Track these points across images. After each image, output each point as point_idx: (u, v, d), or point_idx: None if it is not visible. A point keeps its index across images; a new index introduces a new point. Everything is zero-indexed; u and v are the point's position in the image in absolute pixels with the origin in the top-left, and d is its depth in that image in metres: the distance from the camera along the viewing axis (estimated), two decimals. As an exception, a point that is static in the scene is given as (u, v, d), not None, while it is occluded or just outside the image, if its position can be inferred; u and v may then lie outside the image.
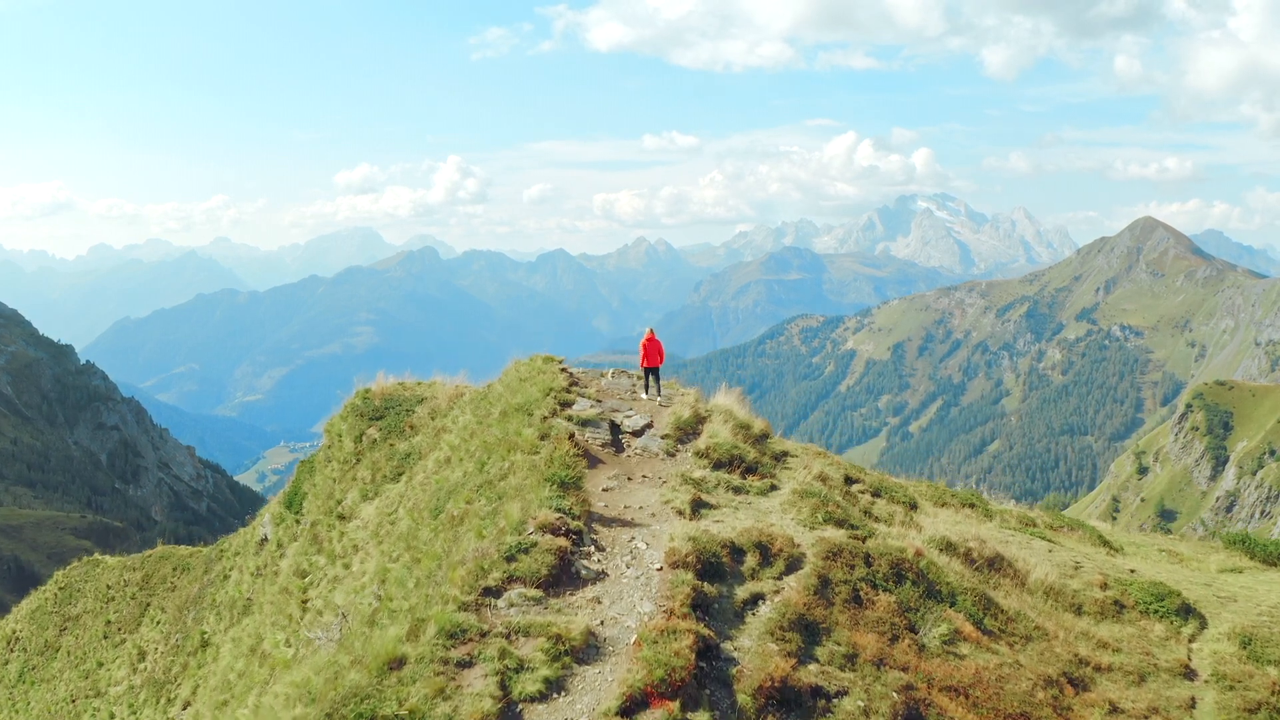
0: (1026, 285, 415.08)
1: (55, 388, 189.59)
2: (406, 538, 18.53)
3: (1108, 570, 19.98)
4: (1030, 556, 19.38)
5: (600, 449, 20.14)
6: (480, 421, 22.24)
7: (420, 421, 26.93)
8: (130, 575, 38.74)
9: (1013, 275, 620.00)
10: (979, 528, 21.43)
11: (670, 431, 21.23)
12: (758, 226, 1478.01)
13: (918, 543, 17.00)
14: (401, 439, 26.49)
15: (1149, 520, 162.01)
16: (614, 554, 14.96)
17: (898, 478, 27.11)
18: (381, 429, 27.88)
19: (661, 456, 20.17)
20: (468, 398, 25.96)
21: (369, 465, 26.08)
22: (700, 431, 21.60)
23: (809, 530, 16.58)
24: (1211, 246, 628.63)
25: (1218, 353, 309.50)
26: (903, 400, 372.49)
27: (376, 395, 30.19)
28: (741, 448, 20.54)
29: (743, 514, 17.18)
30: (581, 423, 20.69)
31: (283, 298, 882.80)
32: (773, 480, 19.60)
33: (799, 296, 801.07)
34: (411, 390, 30.19)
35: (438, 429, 24.93)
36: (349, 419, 29.56)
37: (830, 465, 21.91)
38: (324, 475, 28.56)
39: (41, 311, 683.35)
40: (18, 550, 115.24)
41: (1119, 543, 25.03)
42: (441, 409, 26.85)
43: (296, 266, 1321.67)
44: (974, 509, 24.57)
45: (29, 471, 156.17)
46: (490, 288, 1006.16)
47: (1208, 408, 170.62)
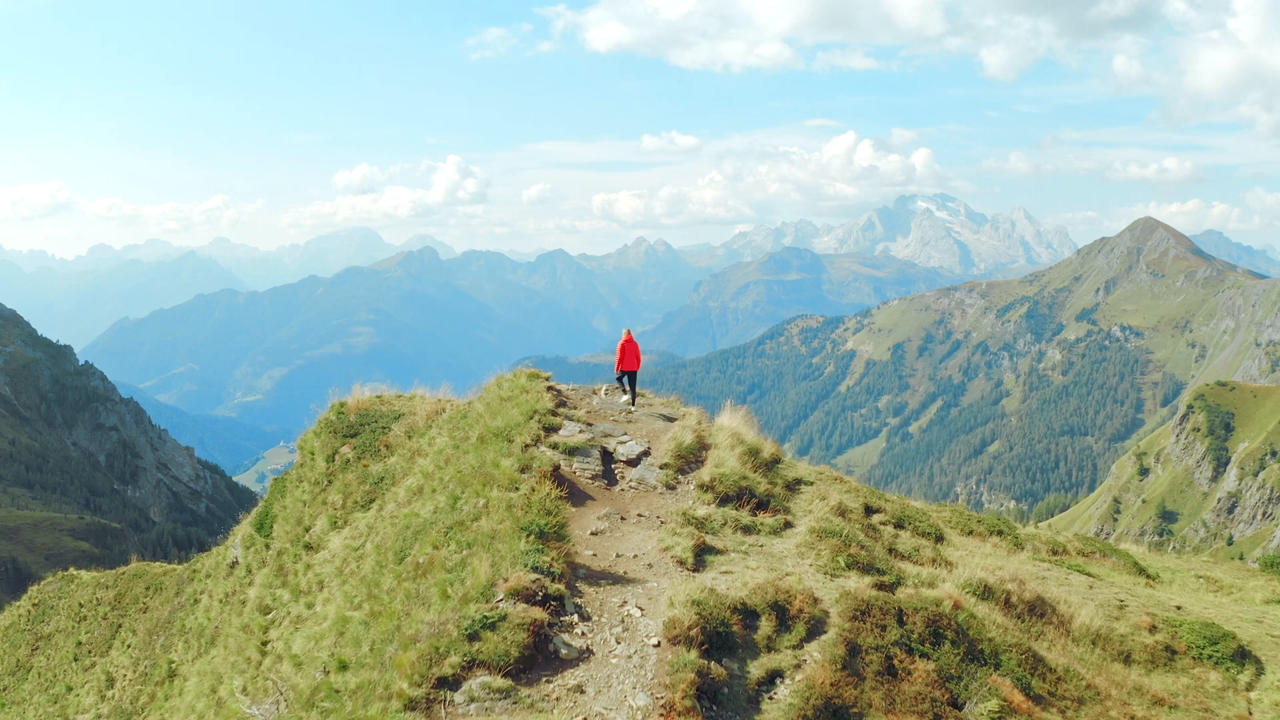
0: (1026, 286, 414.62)
1: (54, 388, 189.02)
2: (369, 582, 16.65)
3: (1154, 609, 18.70)
4: (1071, 596, 17.77)
5: (589, 482, 18.00)
6: (456, 446, 20.16)
7: (396, 441, 24.89)
8: (103, 594, 37.65)
9: (1012, 276, 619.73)
10: (1012, 560, 19.99)
11: (670, 460, 18.97)
12: (757, 227, 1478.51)
13: (953, 590, 15.16)
14: (376, 459, 24.55)
15: (1150, 522, 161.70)
16: (602, 624, 12.58)
17: (918, 500, 25.43)
18: (355, 447, 25.88)
19: (660, 490, 18.02)
20: (447, 415, 24.01)
21: (340, 488, 24.20)
22: (704, 459, 19.34)
23: (830, 579, 14.55)
24: (1211, 247, 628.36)
25: (1218, 353, 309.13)
26: (903, 401, 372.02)
27: (352, 410, 28.09)
28: (751, 478, 18.39)
29: (754, 561, 15.05)
30: (569, 451, 18.60)
31: (282, 298, 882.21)
32: (786, 516, 17.45)
33: (798, 297, 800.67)
34: (389, 405, 28.10)
35: (413, 450, 23.03)
36: (322, 435, 27.48)
37: (848, 493, 20.22)
38: (294, 497, 26.69)
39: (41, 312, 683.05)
40: (15, 552, 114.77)
41: (1154, 569, 24.07)
42: (419, 427, 24.74)
43: (296, 267, 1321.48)
44: (1002, 537, 23.06)
45: (27, 472, 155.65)
46: (489, 288, 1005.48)
47: (1209, 409, 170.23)
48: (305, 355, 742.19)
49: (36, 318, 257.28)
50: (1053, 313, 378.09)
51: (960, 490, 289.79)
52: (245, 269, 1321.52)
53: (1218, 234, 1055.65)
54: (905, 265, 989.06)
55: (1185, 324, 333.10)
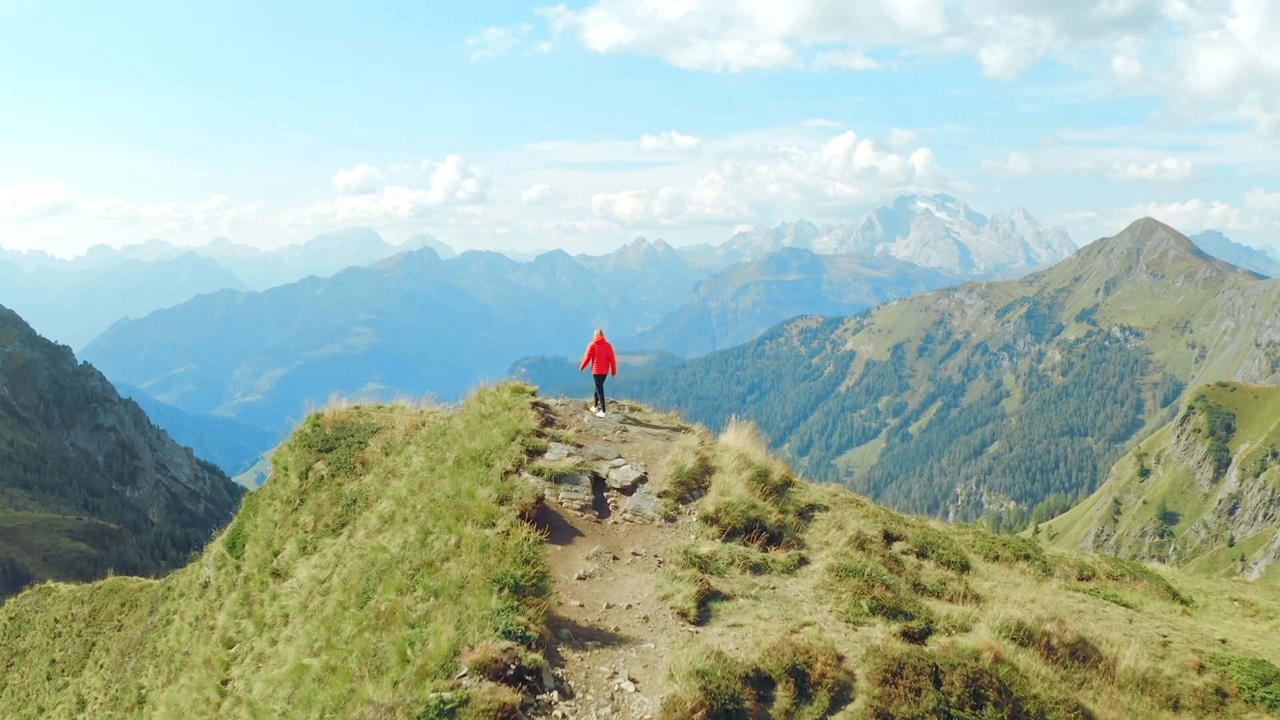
0: (1026, 286, 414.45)
1: (52, 389, 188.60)
2: (330, 626, 15.31)
3: (1198, 644, 17.55)
4: (1112, 633, 16.63)
5: (578, 514, 16.07)
6: (432, 469, 18.48)
7: (372, 457, 23.30)
8: (78, 609, 36.75)
9: (1012, 276, 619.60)
10: (1043, 591, 18.75)
11: (670, 487, 17.06)
12: (757, 227, 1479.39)
13: (990, 637, 13.80)
14: (350, 477, 23.00)
15: (1151, 523, 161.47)
16: (588, 703, 10.56)
17: (937, 521, 23.99)
18: (330, 464, 24.22)
19: (658, 522, 16.11)
20: (425, 432, 22.38)
21: (312, 509, 22.64)
22: (708, 484, 17.45)
23: (853, 628, 13.01)
24: (1211, 247, 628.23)
25: (1218, 354, 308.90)
26: (902, 401, 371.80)
27: (328, 422, 26.40)
28: (760, 506, 16.65)
29: (767, 608, 13.35)
30: (555, 478, 16.71)
31: (282, 298, 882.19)
32: (801, 551, 15.82)
33: (798, 297, 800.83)
34: (367, 417, 26.42)
35: (388, 470, 21.41)
36: (296, 449, 25.85)
37: (866, 518, 18.80)
38: (265, 516, 25.21)
39: (40, 312, 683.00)
40: (13, 553, 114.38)
41: (1186, 592, 23.17)
42: (397, 443, 23.17)
43: (295, 267, 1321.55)
44: (1029, 561, 21.65)
45: (25, 473, 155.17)
46: (489, 288, 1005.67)
47: (1210, 409, 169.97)
48: (305, 355, 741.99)
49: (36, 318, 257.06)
50: (1052, 313, 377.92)
51: (960, 491, 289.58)
52: (245, 269, 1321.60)
53: (1217, 234, 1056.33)
54: (905, 265, 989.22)
55: (1185, 324, 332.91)
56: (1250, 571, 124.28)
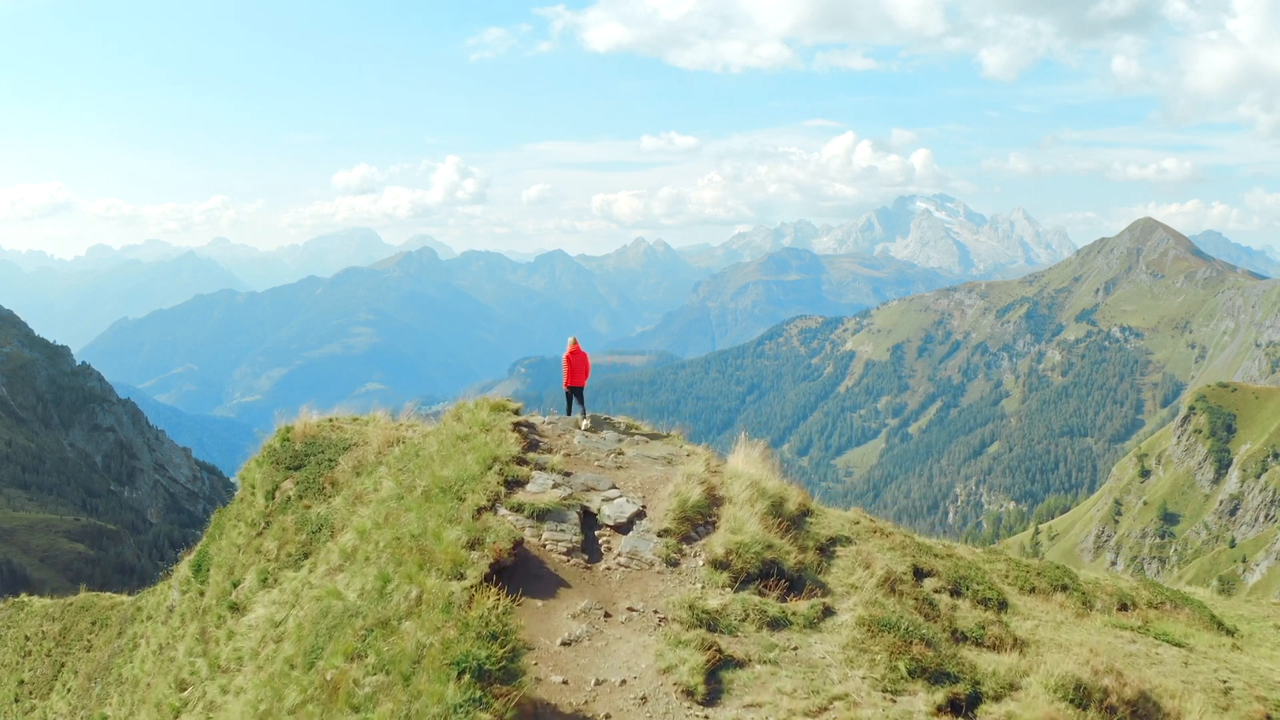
0: (1026, 286, 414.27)
1: (50, 389, 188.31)
2: (275, 688, 13.77)
3: (1260, 689, 16.55)
4: (1170, 680, 15.35)
5: (563, 559, 13.97)
6: (400, 498, 16.68)
7: (342, 478, 21.51)
8: (49, 627, 35.76)
9: (1012, 276, 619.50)
10: (1087, 627, 17.48)
11: (672, 524, 14.89)
12: (756, 227, 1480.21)
13: (1045, 703, 12.12)
14: (319, 499, 21.27)
15: (1152, 524, 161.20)
16: None
17: (963, 546, 22.15)
18: (298, 483, 22.46)
19: (658, 567, 13.98)
20: (399, 451, 20.50)
21: (276, 534, 21.03)
22: (716, 519, 15.34)
23: (892, 700, 11.30)
24: (1210, 247, 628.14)
25: (1218, 354, 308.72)
26: (902, 401, 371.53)
27: (298, 437, 24.34)
28: (777, 546, 14.67)
29: (788, 678, 11.40)
30: (537, 515, 14.66)
31: (281, 298, 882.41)
32: (825, 599, 13.85)
33: (798, 297, 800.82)
34: (340, 431, 24.37)
35: (356, 494, 19.82)
36: (264, 466, 24.04)
37: (893, 551, 17.33)
38: (230, 539, 23.66)
39: (40, 312, 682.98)
40: (10, 554, 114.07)
41: (1230, 620, 22.26)
42: (368, 462, 21.34)
43: (295, 267, 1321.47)
44: (1067, 593, 20.34)
45: (23, 473, 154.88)
46: (489, 288, 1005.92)
47: (1210, 410, 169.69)
48: (305, 355, 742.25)
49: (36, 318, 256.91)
50: (1052, 313, 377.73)
51: (960, 491, 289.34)
52: (244, 269, 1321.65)
53: (1217, 234, 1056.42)
54: (904, 266, 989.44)
55: (1185, 325, 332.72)
56: (1252, 573, 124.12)
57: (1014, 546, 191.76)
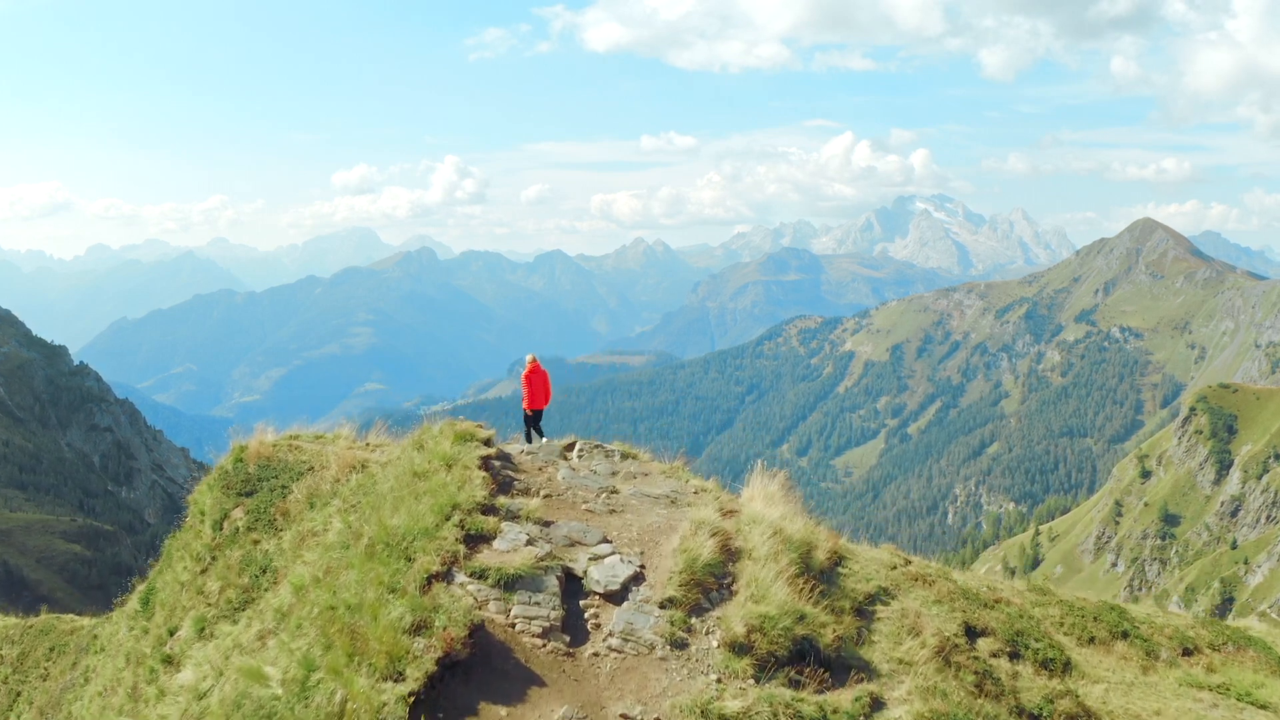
0: (1025, 286, 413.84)
1: (48, 389, 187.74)
2: None
3: None
4: None
5: (538, 643, 11.07)
6: (346, 547, 13.97)
7: (295, 508, 19.13)
8: (8, 650, 33.68)
9: (1011, 276, 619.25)
10: (1162, 694, 15.91)
11: (678, 591, 12.05)
12: (756, 227, 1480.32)
13: None
14: (269, 533, 19.00)
15: (1153, 525, 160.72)
16: None
17: (1011, 582, 20.09)
18: (249, 512, 20.19)
19: (661, 651, 11.16)
20: (355, 482, 18.05)
21: (220, 574, 18.84)
22: (732, 581, 12.59)
23: None
24: (1210, 248, 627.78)
25: (1217, 355, 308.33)
26: (901, 402, 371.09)
27: (252, 458, 21.83)
28: (810, 616, 12.04)
29: None
30: (505, 582, 11.65)
31: (280, 298, 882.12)
32: (871, 686, 11.37)
33: (797, 297, 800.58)
34: (298, 452, 21.80)
35: (304, 534, 17.55)
36: (214, 491, 21.67)
37: (939, 604, 15.45)
38: (175, 574, 21.25)
39: (39, 312, 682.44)
40: (7, 555, 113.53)
41: None
42: (323, 492, 18.93)
43: (294, 267, 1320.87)
44: (1128, 641, 18.48)
45: (20, 474, 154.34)
46: (488, 288, 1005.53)
47: (1211, 411, 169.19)
48: (304, 355, 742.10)
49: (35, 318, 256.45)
50: (1052, 314, 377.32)
51: (959, 492, 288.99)
52: (244, 269, 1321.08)
53: (1216, 235, 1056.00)
54: (904, 266, 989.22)
55: (1185, 325, 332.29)
56: (1254, 575, 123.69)
57: (1014, 547, 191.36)
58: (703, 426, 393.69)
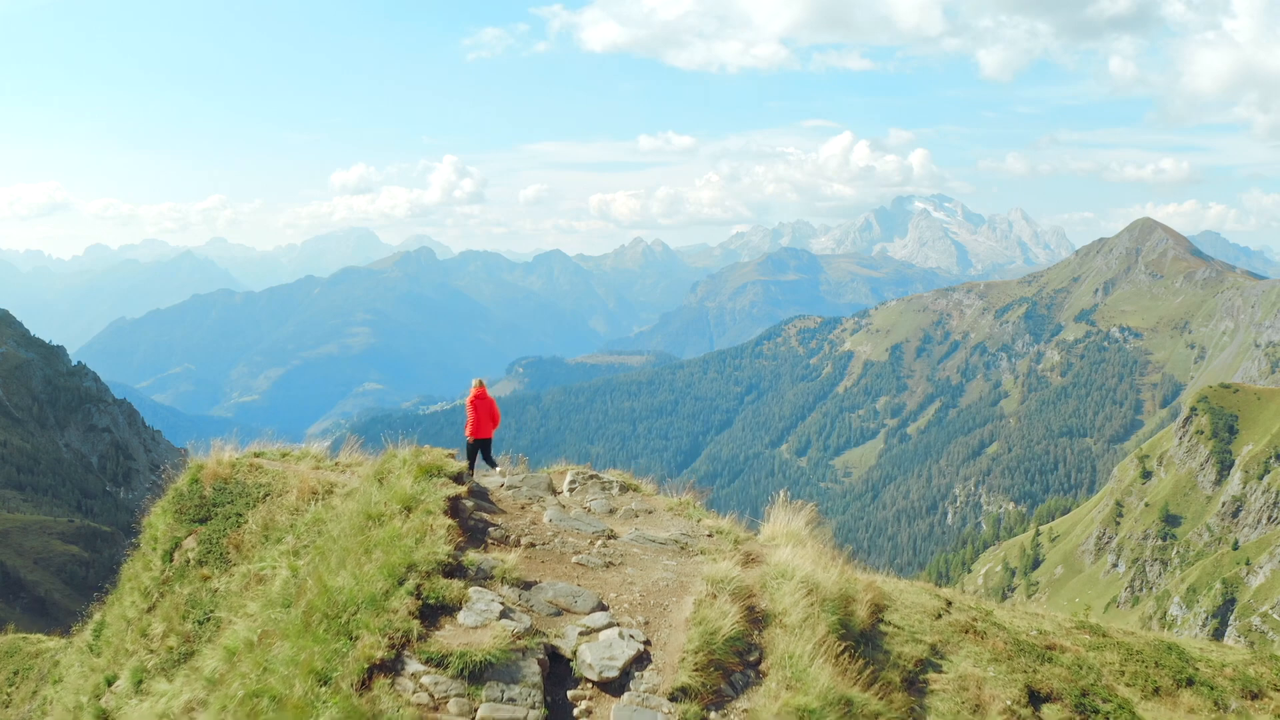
0: (1025, 286, 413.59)
1: (46, 389, 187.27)
2: None
3: None
4: None
5: None
6: (287, 605, 11.69)
7: (249, 540, 17.06)
8: None
9: (1010, 276, 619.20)
10: None
11: (692, 678, 9.62)
12: (754, 227, 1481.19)
13: None
14: (220, 568, 16.92)
15: (1154, 525, 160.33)
16: None
17: (1051, 620, 18.28)
18: (202, 541, 18.12)
19: None
20: (312, 515, 16.02)
21: (165, 615, 16.88)
22: (758, 657, 10.26)
23: None
24: (1209, 247, 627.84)
25: (1217, 354, 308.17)
26: (901, 402, 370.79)
27: (209, 479, 19.55)
28: (858, 703, 9.82)
29: None
30: (470, 671, 9.19)
31: (279, 298, 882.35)
32: None
33: (796, 297, 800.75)
34: (257, 474, 19.48)
35: (250, 578, 15.39)
36: (168, 515, 19.52)
37: (995, 665, 13.67)
38: (120, 610, 19.15)
39: (37, 312, 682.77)
40: (4, 556, 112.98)
41: None
42: (278, 524, 16.89)
43: (292, 267, 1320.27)
44: (1194, 690, 17.01)
45: (18, 474, 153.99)
46: (487, 288, 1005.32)
47: (1212, 411, 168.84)
48: (302, 355, 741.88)
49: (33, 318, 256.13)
50: (1051, 314, 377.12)
51: (959, 492, 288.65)
52: (242, 269, 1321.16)
53: (1215, 234, 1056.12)
54: (902, 266, 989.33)
55: (1184, 325, 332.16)
56: (1255, 576, 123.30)
57: (1015, 548, 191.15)
58: (701, 426, 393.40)
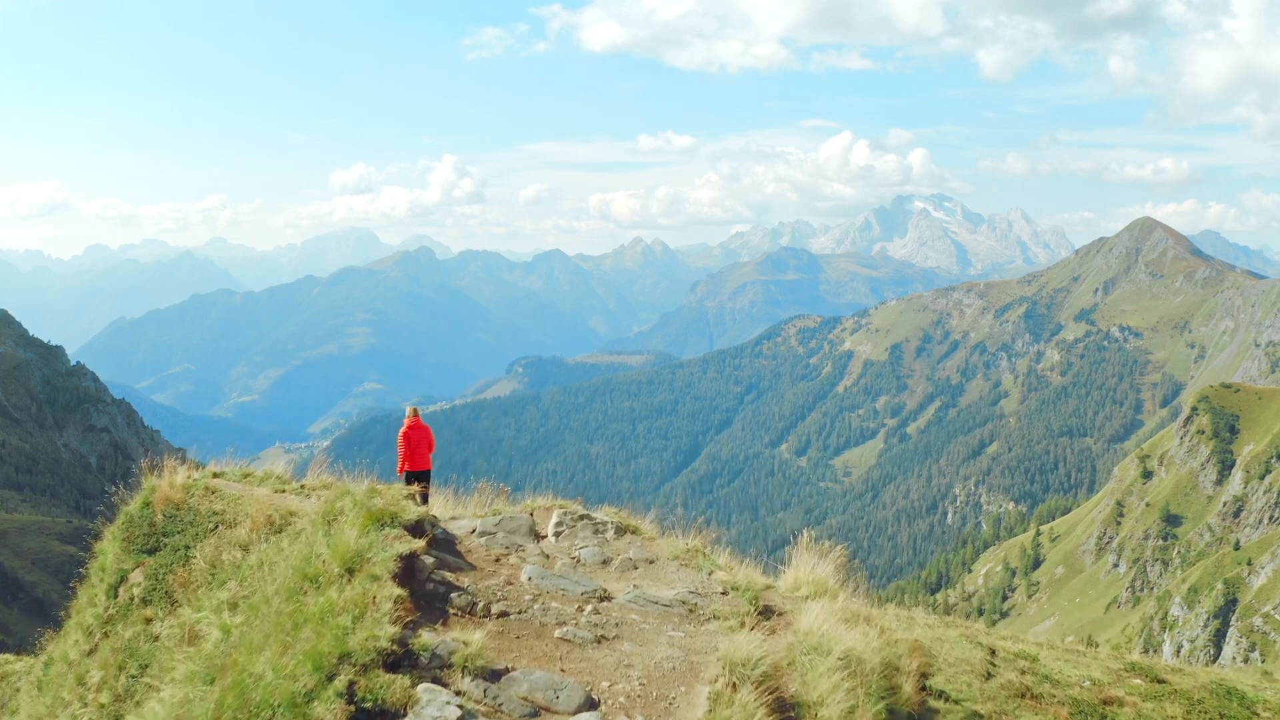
0: (1024, 286, 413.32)
1: (45, 389, 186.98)
2: None
3: None
4: None
5: None
6: (211, 681, 9.65)
7: (198, 577, 15.08)
8: None
9: (1010, 276, 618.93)
10: None
11: None
12: (754, 227, 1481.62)
13: None
14: (165, 607, 15.12)
15: (1154, 525, 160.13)
16: None
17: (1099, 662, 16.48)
18: (149, 575, 16.25)
19: None
20: (257, 558, 13.83)
21: (103, 661, 15.11)
22: None
23: None
24: (1209, 247, 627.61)
25: (1217, 354, 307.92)
26: (900, 402, 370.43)
27: (160, 503, 17.41)
28: None
29: None
30: None
31: (279, 298, 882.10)
32: None
33: (796, 297, 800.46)
34: (212, 500, 17.32)
35: (185, 631, 13.13)
36: (116, 543, 17.53)
37: None
38: (62, 649, 17.37)
39: (37, 312, 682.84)
40: (2, 556, 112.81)
41: None
42: (224, 562, 14.84)
43: (292, 267, 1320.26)
44: None
45: (17, 475, 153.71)
46: (486, 288, 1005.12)
47: (1213, 410, 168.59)
48: (302, 355, 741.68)
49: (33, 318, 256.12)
50: (1051, 313, 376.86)
51: (959, 492, 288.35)
52: (242, 269, 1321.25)
53: (1215, 234, 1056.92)
54: (902, 265, 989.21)
55: (1184, 325, 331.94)
56: (1257, 576, 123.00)
57: (1015, 548, 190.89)
58: (701, 426, 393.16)
